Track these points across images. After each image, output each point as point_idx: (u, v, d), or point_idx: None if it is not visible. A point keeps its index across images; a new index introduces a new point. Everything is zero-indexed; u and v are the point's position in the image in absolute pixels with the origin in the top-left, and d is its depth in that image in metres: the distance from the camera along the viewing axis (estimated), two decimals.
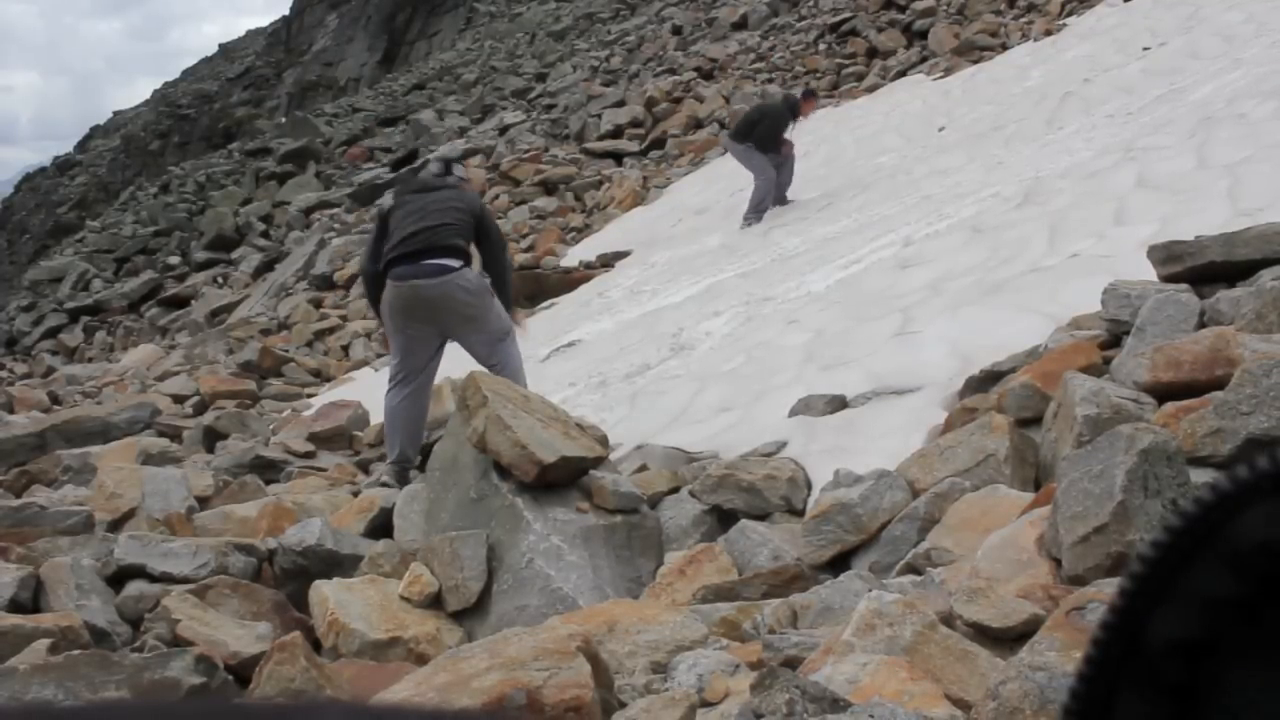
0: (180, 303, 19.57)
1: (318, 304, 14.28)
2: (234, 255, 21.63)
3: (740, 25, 21.41)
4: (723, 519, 3.51)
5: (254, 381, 9.96)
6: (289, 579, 3.61)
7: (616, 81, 21.53)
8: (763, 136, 10.32)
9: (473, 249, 5.08)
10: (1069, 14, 13.97)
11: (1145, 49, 10.28)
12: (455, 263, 4.81)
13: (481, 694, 1.97)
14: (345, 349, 12.07)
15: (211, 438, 6.97)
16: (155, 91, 62.01)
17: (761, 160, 10.37)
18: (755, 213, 10.47)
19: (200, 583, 3.36)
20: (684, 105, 17.62)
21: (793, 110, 10.63)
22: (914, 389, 4.05)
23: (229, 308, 17.13)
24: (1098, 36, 11.95)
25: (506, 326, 5.03)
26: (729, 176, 12.84)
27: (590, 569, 3.25)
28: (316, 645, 2.99)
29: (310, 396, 9.72)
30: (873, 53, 16.48)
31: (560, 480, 3.47)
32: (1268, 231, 3.35)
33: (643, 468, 4.14)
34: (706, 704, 2.09)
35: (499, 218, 14.99)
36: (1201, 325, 3.08)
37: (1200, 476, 2.25)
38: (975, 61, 13.85)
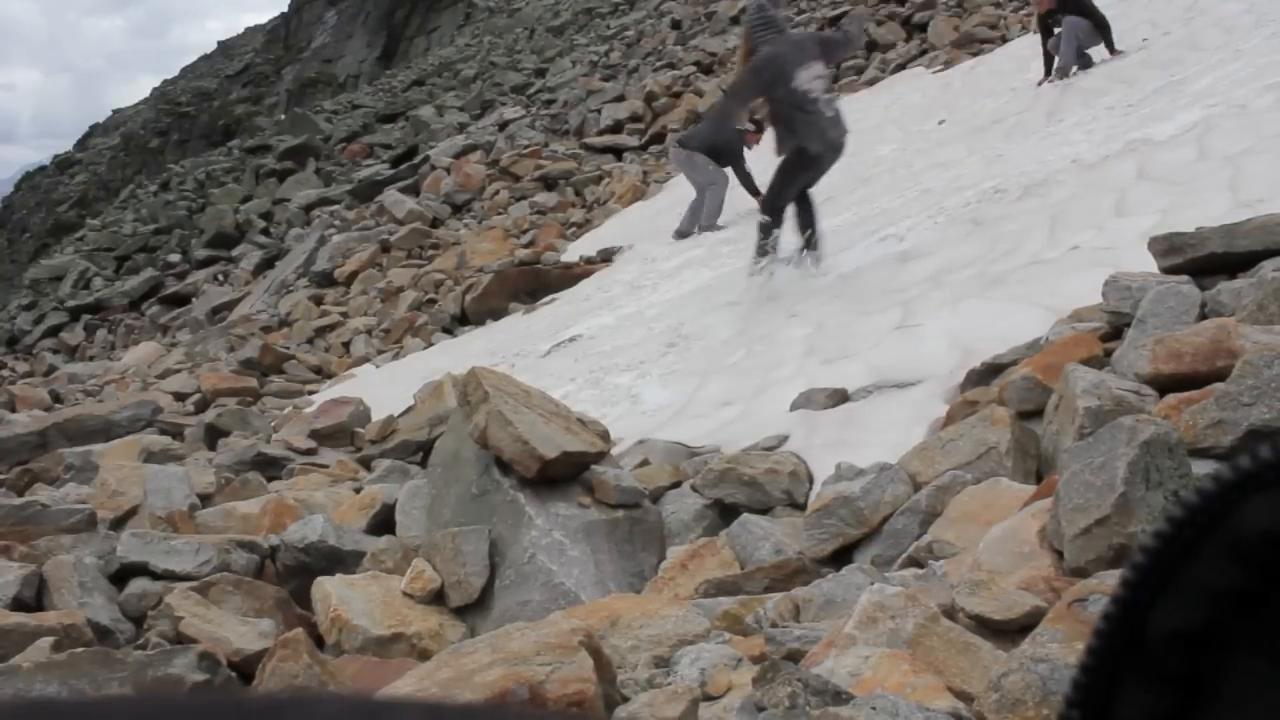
0: (181, 300, 19.55)
1: (318, 301, 14.24)
2: (234, 253, 21.59)
3: (739, 19, 21.36)
4: (724, 513, 3.52)
5: (255, 379, 9.95)
6: (291, 576, 3.61)
7: (616, 76, 21.49)
8: None
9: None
10: None
11: (1145, 40, 10.26)
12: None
13: (484, 689, 1.97)
14: (346, 346, 12.05)
15: (213, 435, 6.96)
16: (155, 89, 61.98)
17: None
18: None
19: (203, 580, 3.36)
20: (683, 100, 17.57)
21: None
22: (915, 382, 4.05)
23: (230, 305, 17.10)
24: None
25: (711, 179, 9.18)
26: None
27: (592, 564, 3.25)
28: (319, 642, 2.99)
29: (312, 393, 9.71)
30: (872, 46, 16.43)
31: (562, 475, 3.47)
32: (1268, 223, 3.35)
33: (644, 462, 4.14)
34: (709, 697, 2.10)
35: (499, 213, 14.97)
36: (1202, 317, 3.08)
37: (1202, 468, 2.25)
38: (975, 54, 13.82)
